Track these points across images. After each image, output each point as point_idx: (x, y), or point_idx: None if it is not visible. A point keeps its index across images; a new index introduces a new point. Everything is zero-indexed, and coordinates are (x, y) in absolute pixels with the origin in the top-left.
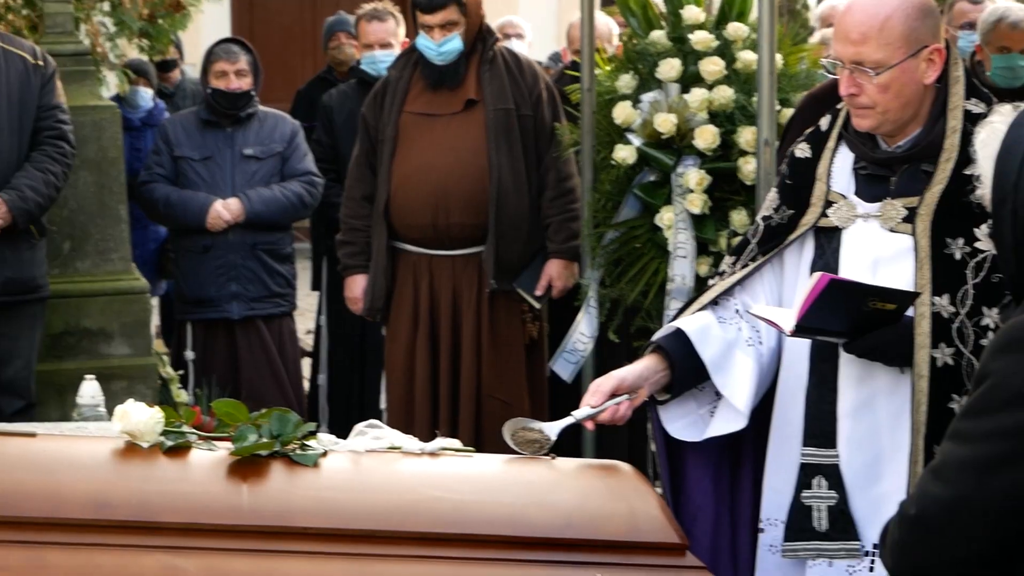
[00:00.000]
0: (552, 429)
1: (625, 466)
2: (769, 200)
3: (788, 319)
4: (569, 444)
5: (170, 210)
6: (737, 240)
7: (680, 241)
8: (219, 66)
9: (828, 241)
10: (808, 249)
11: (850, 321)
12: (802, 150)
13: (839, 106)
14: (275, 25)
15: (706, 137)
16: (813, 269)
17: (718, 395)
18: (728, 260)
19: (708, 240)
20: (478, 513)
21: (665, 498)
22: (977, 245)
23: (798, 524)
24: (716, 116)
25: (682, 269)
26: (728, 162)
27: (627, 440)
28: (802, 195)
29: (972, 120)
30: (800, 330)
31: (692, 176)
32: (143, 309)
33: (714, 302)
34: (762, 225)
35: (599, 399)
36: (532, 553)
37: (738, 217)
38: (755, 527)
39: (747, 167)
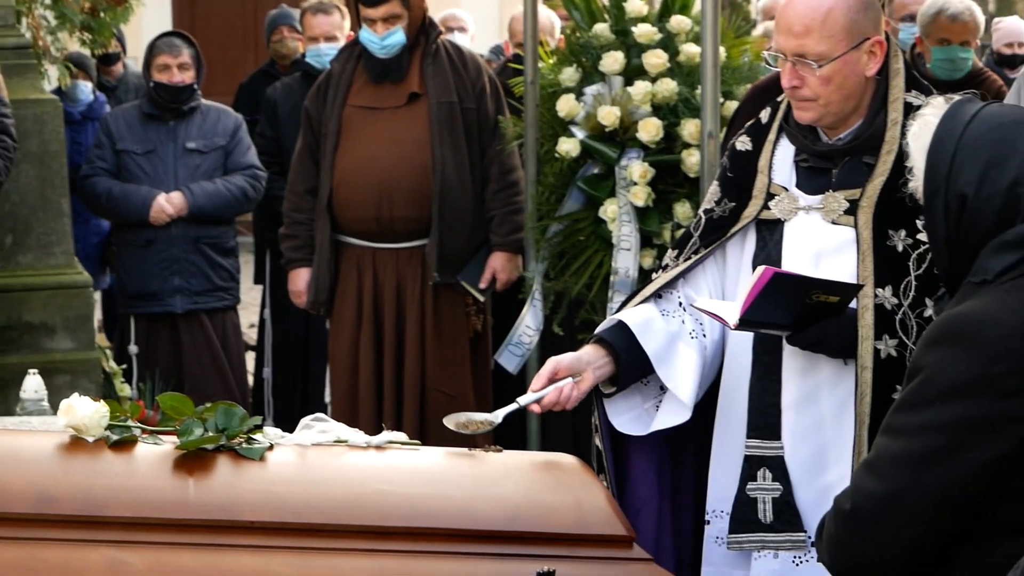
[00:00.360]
0: (497, 414)
1: (571, 459)
2: (711, 193)
3: (732, 312)
4: (514, 438)
5: (112, 204)
6: (680, 233)
7: (624, 234)
8: (161, 60)
9: (770, 234)
10: (750, 242)
11: (794, 314)
12: (743, 143)
13: (779, 99)
14: (217, 18)
15: (649, 130)
16: (755, 262)
17: (663, 389)
18: (671, 253)
19: (652, 232)
20: (425, 506)
21: (611, 492)
22: (919, 237)
23: (743, 516)
24: (659, 109)
25: (626, 262)
26: (671, 155)
27: (572, 433)
28: (743, 188)
29: (912, 112)
30: (744, 323)
31: (636, 169)
32: (86, 303)
33: (657, 295)
34: (704, 218)
35: (540, 383)
36: (479, 546)
37: (682, 210)
38: (697, 519)
39: (691, 160)
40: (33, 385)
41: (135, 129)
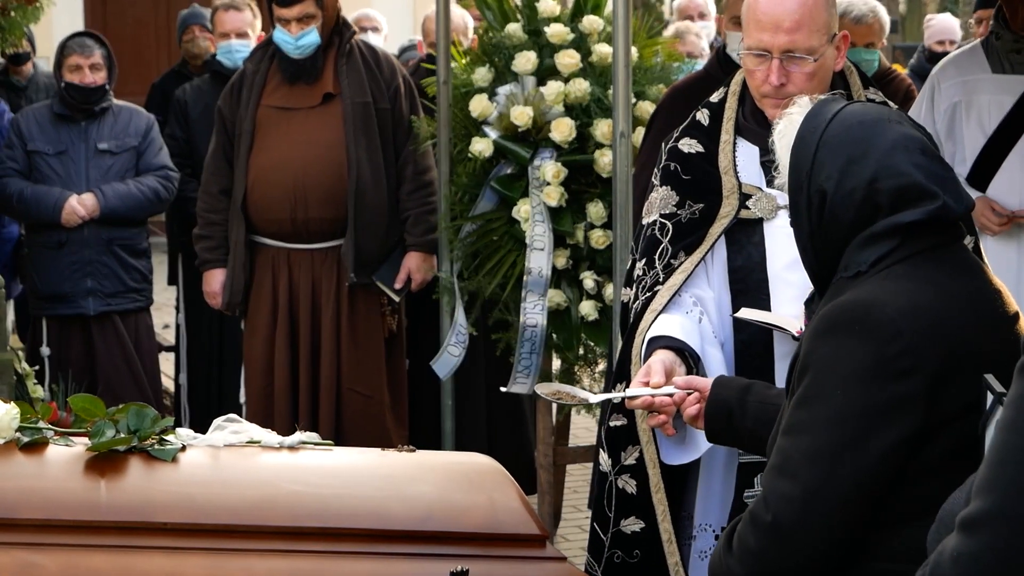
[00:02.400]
0: (596, 396)
1: (485, 458)
2: (661, 198)
3: (792, 321)
4: (428, 438)
5: (24, 205)
6: (643, 241)
7: (537, 234)
8: (73, 60)
9: (747, 236)
10: (720, 246)
11: None
12: (688, 145)
13: (713, 99)
14: (129, 18)
15: (562, 130)
16: (732, 264)
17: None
18: (640, 262)
19: (565, 232)
20: (338, 507)
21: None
22: None
23: None
24: (572, 109)
25: (539, 261)
26: (584, 154)
27: (486, 434)
28: (708, 189)
29: None
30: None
31: (548, 169)
32: None
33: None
34: (670, 224)
35: (660, 379)
36: (393, 546)
37: (594, 209)
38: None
39: (603, 159)
40: None
41: (46, 130)
